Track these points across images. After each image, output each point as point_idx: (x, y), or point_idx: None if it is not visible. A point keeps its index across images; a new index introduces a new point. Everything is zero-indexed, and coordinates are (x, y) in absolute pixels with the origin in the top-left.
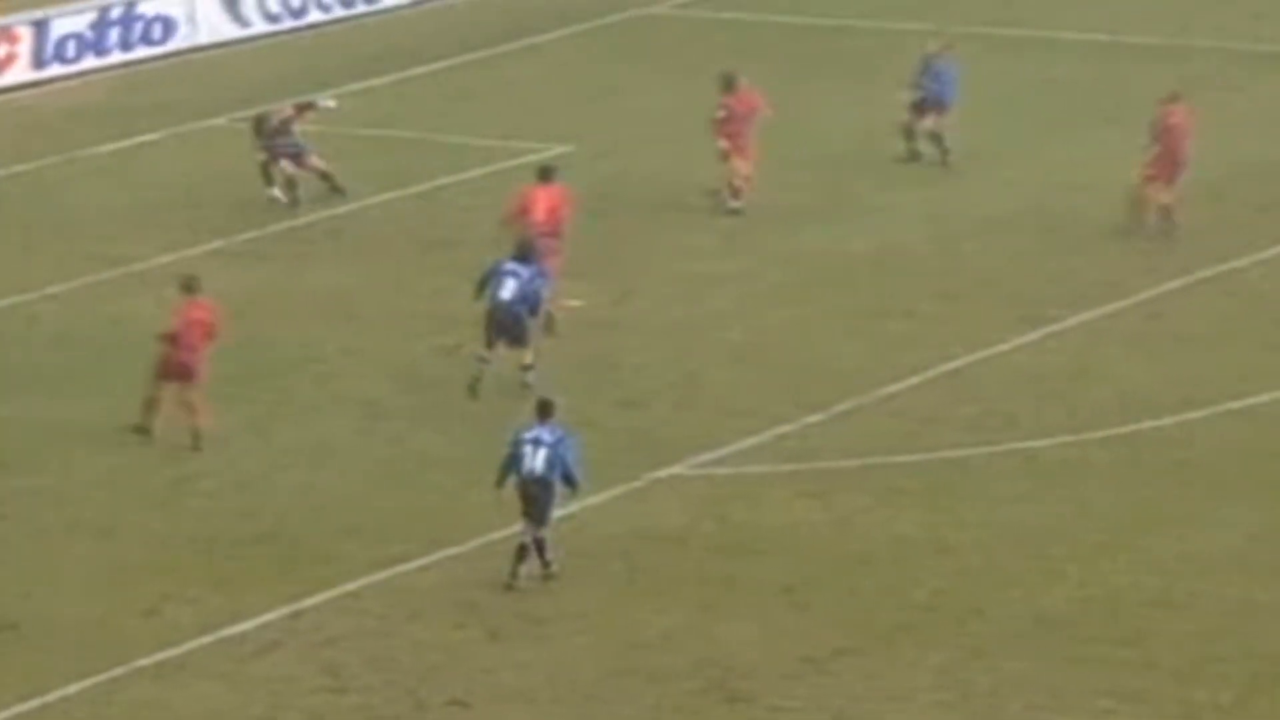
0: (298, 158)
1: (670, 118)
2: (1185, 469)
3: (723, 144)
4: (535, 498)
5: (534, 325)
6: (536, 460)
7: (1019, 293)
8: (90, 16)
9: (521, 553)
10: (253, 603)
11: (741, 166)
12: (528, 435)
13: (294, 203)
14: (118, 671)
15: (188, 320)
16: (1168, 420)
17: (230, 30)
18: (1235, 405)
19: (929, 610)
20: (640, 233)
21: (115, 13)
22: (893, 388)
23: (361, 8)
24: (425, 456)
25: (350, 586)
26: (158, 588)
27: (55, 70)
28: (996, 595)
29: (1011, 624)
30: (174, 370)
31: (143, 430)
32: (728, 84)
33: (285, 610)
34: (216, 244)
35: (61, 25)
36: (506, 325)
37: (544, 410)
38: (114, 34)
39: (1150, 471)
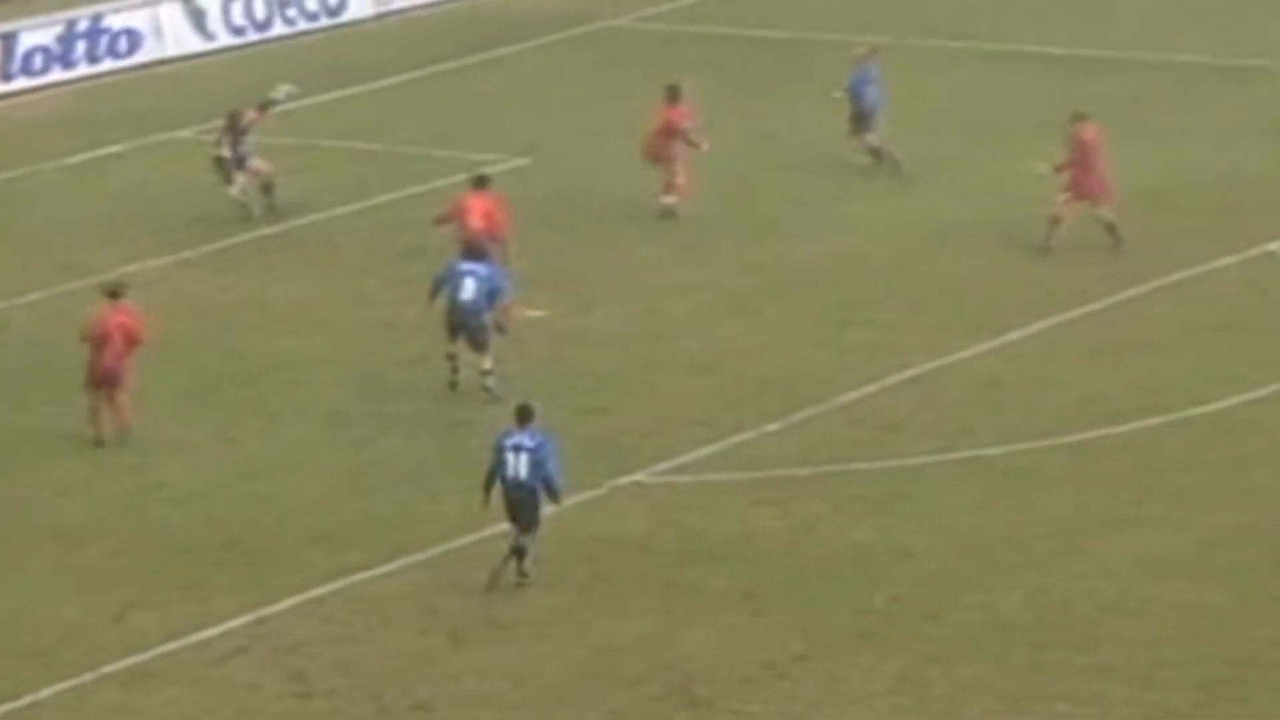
0: (241, 163)
1: (633, 129)
2: (1142, 475)
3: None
4: (520, 503)
5: (492, 325)
6: (519, 466)
7: (978, 301)
8: (57, 29)
9: (516, 554)
10: (219, 609)
11: (682, 170)
12: (509, 441)
13: (246, 211)
14: (86, 677)
15: (111, 325)
16: (1125, 427)
17: (196, 43)
18: (1192, 412)
19: (887, 616)
20: (602, 243)
21: (82, 26)
22: (851, 396)
23: (325, 21)
24: (390, 465)
25: (316, 593)
26: (125, 594)
27: (22, 83)
28: (953, 601)
29: (968, 629)
30: (102, 377)
31: (98, 443)
32: (673, 95)
33: (251, 616)
34: (183, 254)
35: (29, 38)
36: (467, 325)
37: (523, 415)
38: (81, 46)
39: (1107, 478)
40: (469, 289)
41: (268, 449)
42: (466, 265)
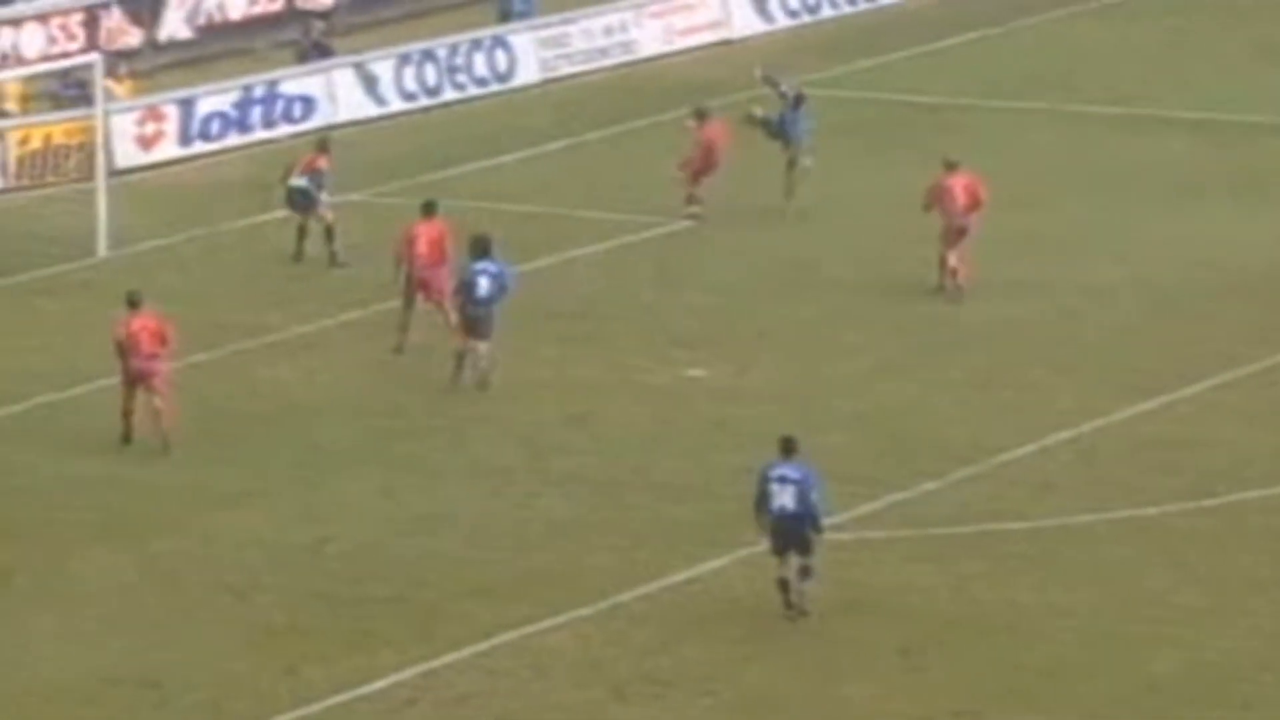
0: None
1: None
2: None
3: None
4: (788, 533)
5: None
6: (785, 497)
7: (1130, 362)
8: (234, 96)
9: (784, 585)
10: (387, 662)
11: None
12: (774, 473)
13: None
14: None
15: (135, 328)
16: (1278, 489)
17: (368, 108)
18: None
19: (1042, 674)
20: (756, 305)
21: (258, 92)
22: (1007, 455)
23: (495, 86)
24: (551, 521)
25: (480, 646)
26: (294, 647)
27: (200, 147)
28: (1108, 660)
29: (1123, 688)
30: (134, 377)
31: (125, 439)
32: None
33: (419, 669)
34: (350, 314)
35: (207, 104)
36: (481, 318)
37: (788, 447)
38: (256, 112)
39: (1261, 538)
40: (483, 287)
41: (431, 504)
42: (479, 265)
